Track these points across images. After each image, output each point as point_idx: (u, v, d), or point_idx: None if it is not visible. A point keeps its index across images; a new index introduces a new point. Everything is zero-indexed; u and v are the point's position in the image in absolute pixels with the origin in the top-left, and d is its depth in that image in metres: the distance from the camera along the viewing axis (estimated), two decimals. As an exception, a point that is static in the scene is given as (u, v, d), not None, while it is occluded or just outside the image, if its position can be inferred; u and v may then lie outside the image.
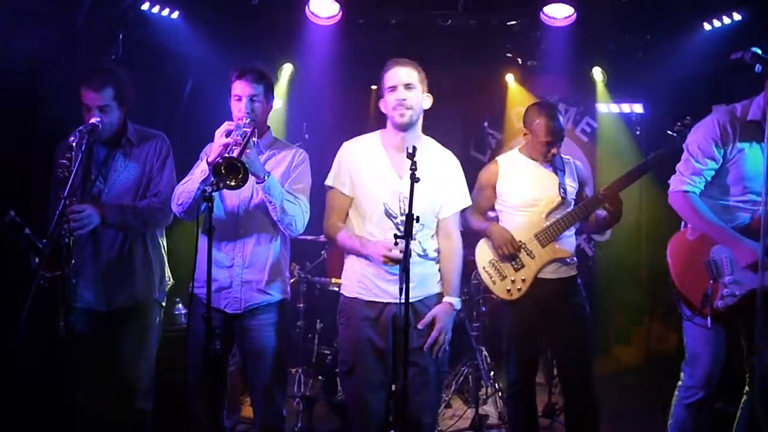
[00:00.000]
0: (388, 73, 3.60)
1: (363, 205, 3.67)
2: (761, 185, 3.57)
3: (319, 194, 3.87)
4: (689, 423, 3.78)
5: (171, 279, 4.13)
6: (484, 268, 4.36)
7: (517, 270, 4.26)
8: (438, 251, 3.76)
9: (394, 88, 3.57)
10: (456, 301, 3.69)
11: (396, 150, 3.66)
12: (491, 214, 4.46)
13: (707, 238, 3.73)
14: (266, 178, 3.49)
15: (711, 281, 3.68)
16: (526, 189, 4.31)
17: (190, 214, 3.61)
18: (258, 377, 3.76)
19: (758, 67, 3.12)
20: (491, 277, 4.32)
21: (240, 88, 3.72)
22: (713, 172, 3.72)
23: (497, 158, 4.51)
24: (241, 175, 3.24)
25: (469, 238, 4.36)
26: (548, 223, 4.25)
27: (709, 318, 3.65)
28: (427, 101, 3.68)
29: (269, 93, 3.83)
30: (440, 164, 3.69)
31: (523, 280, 4.24)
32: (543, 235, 4.24)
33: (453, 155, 3.81)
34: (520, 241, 4.25)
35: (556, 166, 4.35)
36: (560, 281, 4.28)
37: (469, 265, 4.32)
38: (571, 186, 4.35)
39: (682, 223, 3.90)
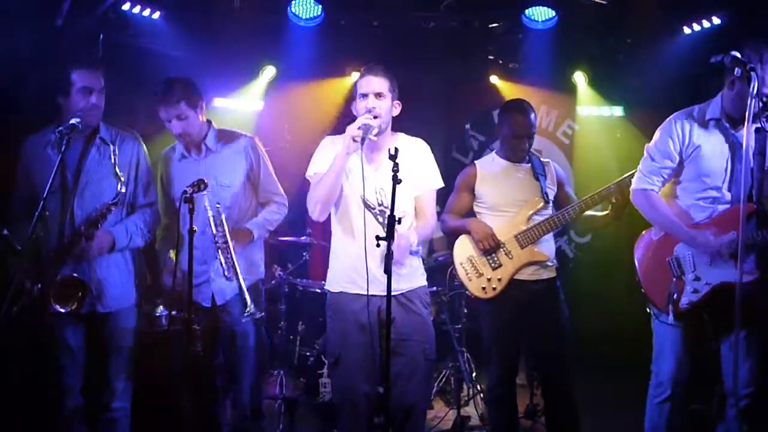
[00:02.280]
0: (362, 80, 3.68)
1: (342, 194, 3.70)
2: (722, 181, 3.64)
3: (302, 195, 3.88)
4: (661, 420, 3.81)
5: (149, 280, 4.11)
6: (461, 263, 4.36)
7: (494, 269, 4.28)
8: (419, 245, 3.81)
9: (365, 96, 3.64)
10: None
11: (371, 149, 3.70)
12: None
13: (671, 237, 3.77)
14: None
15: (674, 279, 3.73)
16: (506, 190, 4.34)
17: None
18: None
19: (738, 71, 3.16)
20: (467, 274, 4.33)
21: None
22: (671, 171, 3.77)
23: (475, 162, 4.54)
24: None
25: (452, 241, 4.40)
26: (529, 225, 4.27)
27: (671, 315, 3.69)
28: (396, 109, 3.73)
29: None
30: (411, 154, 3.71)
31: (499, 280, 4.26)
32: (523, 236, 4.26)
33: (422, 141, 3.86)
34: (499, 240, 4.27)
35: (536, 170, 4.37)
36: (540, 283, 4.30)
37: (449, 266, 4.33)
38: (551, 189, 4.38)
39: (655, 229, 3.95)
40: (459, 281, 4.46)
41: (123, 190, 3.67)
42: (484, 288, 4.28)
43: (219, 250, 3.91)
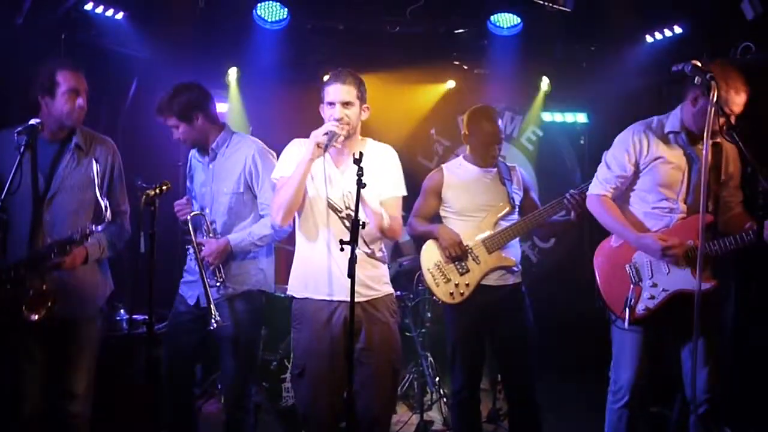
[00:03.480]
0: (329, 87, 3.61)
1: (306, 197, 3.65)
2: (677, 193, 3.70)
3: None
4: (620, 425, 3.85)
5: (113, 286, 4.03)
6: (428, 269, 4.37)
7: (461, 274, 4.29)
8: (383, 250, 3.78)
9: (332, 104, 3.59)
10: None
11: (338, 153, 3.68)
12: None
13: (630, 245, 3.83)
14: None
15: (632, 285, 3.78)
16: (472, 195, 4.36)
17: None
18: None
19: (698, 79, 3.20)
20: (435, 279, 4.34)
21: None
22: (624, 180, 3.85)
23: (442, 166, 4.55)
24: None
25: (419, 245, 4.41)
26: (497, 230, 4.28)
27: (627, 321, 3.74)
28: (365, 114, 3.70)
29: None
30: (379, 160, 3.69)
31: (467, 285, 4.27)
32: (490, 241, 4.28)
33: (390, 147, 3.83)
34: (466, 246, 4.28)
35: (502, 175, 4.40)
36: (504, 288, 4.32)
37: (414, 270, 4.33)
38: (517, 194, 4.40)
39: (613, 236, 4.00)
40: (425, 287, 4.46)
41: (108, 216, 3.56)
42: (452, 293, 4.29)
43: (196, 258, 4.03)
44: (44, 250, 3.53)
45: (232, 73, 7.07)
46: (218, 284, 4.04)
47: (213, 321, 3.90)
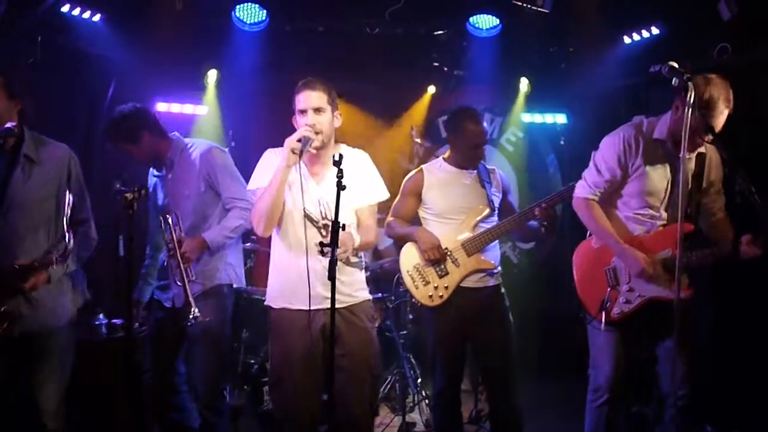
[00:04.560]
0: (300, 95, 3.60)
1: (284, 208, 3.62)
2: (660, 201, 3.73)
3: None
4: (600, 424, 3.87)
5: (88, 294, 3.92)
6: (407, 271, 4.37)
7: (441, 277, 4.29)
8: (360, 256, 3.76)
9: (304, 112, 3.58)
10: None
11: (313, 163, 3.67)
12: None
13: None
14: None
15: (609, 288, 3.80)
16: (452, 197, 4.35)
17: None
18: None
19: (675, 80, 3.21)
20: (414, 282, 4.34)
21: None
22: (613, 184, 3.85)
23: (422, 166, 4.54)
24: None
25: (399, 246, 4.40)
26: (476, 233, 4.29)
27: (603, 322, 3.77)
28: (337, 121, 3.69)
29: None
30: (354, 166, 3.62)
31: (446, 287, 4.27)
32: (470, 244, 4.28)
33: (364, 152, 3.81)
34: (446, 248, 4.28)
35: (482, 177, 4.40)
36: (484, 290, 4.32)
37: (395, 272, 4.32)
38: (496, 196, 4.41)
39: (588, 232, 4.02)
40: (405, 289, 4.45)
41: (70, 246, 3.43)
42: (431, 296, 4.28)
43: (171, 257, 4.05)
44: (3, 274, 3.40)
45: (211, 75, 7.04)
46: (189, 281, 4.04)
47: (192, 317, 3.88)
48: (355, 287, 3.69)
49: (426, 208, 4.42)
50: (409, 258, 4.39)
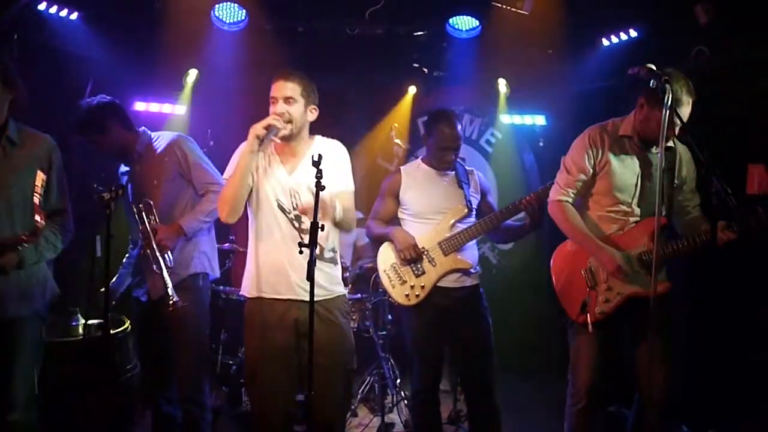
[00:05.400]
0: (274, 84, 3.63)
1: (255, 198, 3.65)
2: (631, 196, 3.76)
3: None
4: (579, 426, 3.90)
5: (57, 290, 3.89)
6: (384, 271, 4.39)
7: (417, 276, 4.30)
8: (335, 251, 3.76)
9: (274, 101, 3.60)
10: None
11: (283, 151, 3.70)
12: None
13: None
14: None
15: (588, 289, 3.83)
16: (430, 198, 4.37)
17: None
18: None
19: (653, 82, 3.24)
20: (391, 281, 4.35)
21: None
22: (584, 183, 3.89)
23: (401, 167, 4.56)
24: None
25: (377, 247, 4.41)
26: (453, 233, 4.30)
27: (585, 325, 3.80)
28: (311, 114, 3.69)
29: None
30: (329, 157, 3.59)
31: (422, 287, 4.28)
32: (446, 244, 4.29)
33: (339, 143, 3.82)
34: (422, 248, 4.29)
35: (460, 178, 4.41)
36: (462, 290, 4.34)
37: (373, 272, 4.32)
38: (474, 197, 4.42)
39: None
40: (383, 288, 4.46)
41: (41, 222, 3.38)
42: (407, 295, 4.29)
43: (147, 246, 4.05)
44: None
45: (191, 74, 7.00)
46: (168, 269, 4.05)
47: (170, 302, 3.91)
48: (329, 281, 3.69)
49: (404, 208, 4.43)
50: (386, 257, 4.40)
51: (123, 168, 4.43)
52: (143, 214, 4.09)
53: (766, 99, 4.83)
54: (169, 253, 4.09)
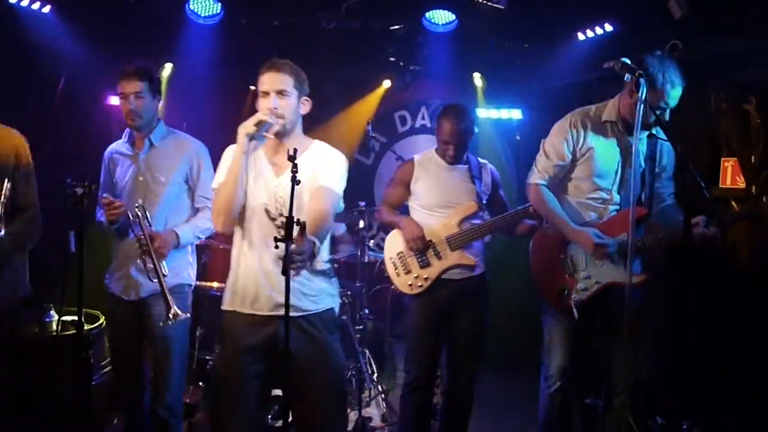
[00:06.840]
0: (263, 76, 3.32)
1: (244, 204, 3.37)
2: (611, 183, 3.78)
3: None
4: (553, 410, 3.96)
5: (29, 287, 3.84)
6: (390, 258, 4.44)
7: (422, 267, 4.34)
8: (329, 262, 3.51)
9: (266, 94, 3.31)
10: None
11: (273, 152, 3.41)
12: None
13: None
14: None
15: (566, 276, 3.85)
16: (440, 191, 4.39)
17: None
18: None
19: (627, 76, 3.27)
20: (396, 269, 4.40)
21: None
22: (562, 169, 3.91)
23: (414, 157, 4.56)
24: None
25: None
26: (462, 229, 4.31)
27: (560, 311, 3.86)
28: (304, 106, 3.43)
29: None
30: (322, 160, 3.42)
31: (426, 278, 4.33)
32: (455, 239, 4.31)
33: (340, 154, 3.51)
34: (430, 240, 4.31)
35: (473, 172, 4.41)
36: (466, 281, 4.38)
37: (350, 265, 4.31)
38: (485, 193, 4.43)
39: (544, 221, 4.06)
40: (387, 275, 4.48)
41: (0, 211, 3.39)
42: (410, 285, 4.35)
43: (141, 250, 3.84)
44: None
45: (167, 68, 6.94)
46: (154, 279, 3.89)
47: (171, 314, 3.71)
48: (317, 295, 3.40)
49: (414, 198, 4.47)
50: (394, 245, 4.45)
51: (120, 148, 4.20)
52: (139, 219, 3.86)
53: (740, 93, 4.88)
54: (164, 261, 3.92)
